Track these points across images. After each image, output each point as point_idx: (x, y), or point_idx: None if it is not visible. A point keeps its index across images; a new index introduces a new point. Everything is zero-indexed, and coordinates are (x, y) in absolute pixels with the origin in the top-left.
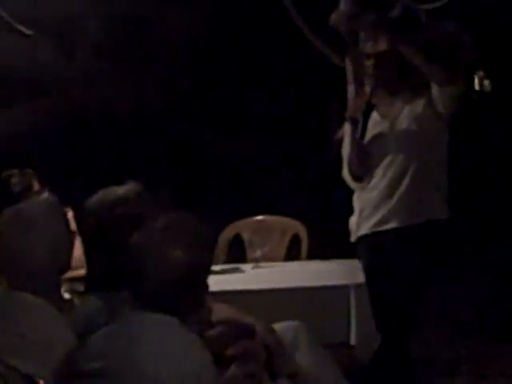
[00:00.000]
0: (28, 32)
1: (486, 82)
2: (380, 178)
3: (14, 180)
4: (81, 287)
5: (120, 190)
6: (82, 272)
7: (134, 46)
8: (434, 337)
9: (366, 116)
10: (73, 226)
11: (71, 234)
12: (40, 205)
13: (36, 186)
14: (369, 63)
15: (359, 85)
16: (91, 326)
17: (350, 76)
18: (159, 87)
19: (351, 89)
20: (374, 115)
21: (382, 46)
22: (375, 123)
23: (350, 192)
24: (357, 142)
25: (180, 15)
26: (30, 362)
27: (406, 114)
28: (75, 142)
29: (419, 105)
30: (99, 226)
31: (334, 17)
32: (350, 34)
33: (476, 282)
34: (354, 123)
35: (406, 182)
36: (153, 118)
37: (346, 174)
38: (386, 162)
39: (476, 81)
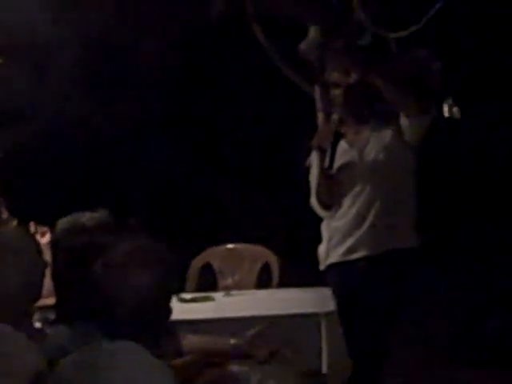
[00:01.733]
0: None
1: (455, 109)
2: (348, 207)
3: None
4: (52, 316)
5: (87, 218)
6: (53, 300)
7: (108, 72)
8: (407, 363)
9: (334, 145)
10: (46, 255)
11: (44, 263)
12: (11, 233)
13: (4, 214)
14: (337, 92)
15: (328, 113)
16: (61, 356)
17: (319, 104)
18: (133, 113)
19: (320, 117)
20: (342, 144)
21: (350, 75)
22: (343, 152)
23: (319, 220)
24: (325, 171)
25: (154, 43)
26: None
27: (373, 143)
28: (48, 165)
29: (387, 134)
30: (64, 255)
31: (303, 45)
32: (319, 62)
33: (450, 307)
34: (322, 152)
35: (374, 211)
36: (127, 144)
37: (314, 202)
38: (354, 191)
39: (445, 108)
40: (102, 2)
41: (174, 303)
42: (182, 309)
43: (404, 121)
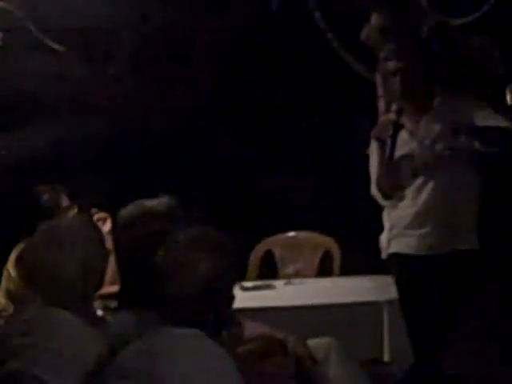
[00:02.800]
0: (59, 48)
1: None
2: (411, 200)
3: (45, 196)
4: (113, 304)
5: (152, 204)
6: (115, 289)
7: (163, 60)
8: (468, 351)
9: (395, 134)
10: (108, 243)
11: (105, 251)
12: (73, 222)
13: (65, 202)
14: (395, 80)
15: (388, 101)
16: (124, 344)
17: (380, 91)
18: (192, 104)
19: (381, 103)
20: (403, 133)
21: (409, 62)
22: (403, 142)
23: (380, 208)
24: (385, 161)
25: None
26: (62, 378)
27: (435, 133)
28: (106, 156)
29: (451, 124)
30: (130, 242)
31: (365, 31)
32: (380, 48)
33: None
34: (382, 143)
35: (436, 209)
36: (185, 133)
37: (374, 191)
38: (416, 183)
39: (508, 95)
40: None
41: (236, 291)
42: (243, 297)
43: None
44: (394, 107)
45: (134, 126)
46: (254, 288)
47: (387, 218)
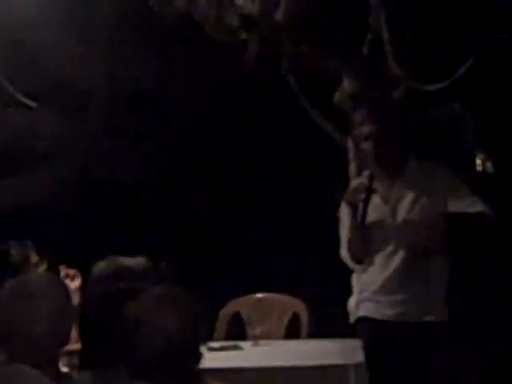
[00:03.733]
0: (32, 104)
1: (488, 164)
2: (381, 267)
3: (13, 251)
4: (77, 361)
5: (129, 262)
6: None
7: (137, 115)
8: None
9: (367, 199)
10: (75, 300)
11: (72, 308)
12: (40, 277)
13: (34, 258)
14: (368, 145)
15: (360, 166)
16: None
17: (351, 155)
18: (163, 159)
19: (352, 167)
20: (375, 198)
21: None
22: (375, 207)
23: (349, 271)
24: (356, 226)
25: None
26: None
27: (408, 200)
28: (81, 213)
29: (425, 190)
30: (100, 297)
31: (337, 95)
32: (352, 113)
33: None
34: (353, 208)
35: (407, 279)
36: (157, 190)
37: (344, 254)
38: (387, 250)
39: (478, 162)
40: None
41: (203, 351)
42: (210, 357)
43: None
44: (365, 172)
45: (106, 180)
46: (221, 348)
47: (356, 282)
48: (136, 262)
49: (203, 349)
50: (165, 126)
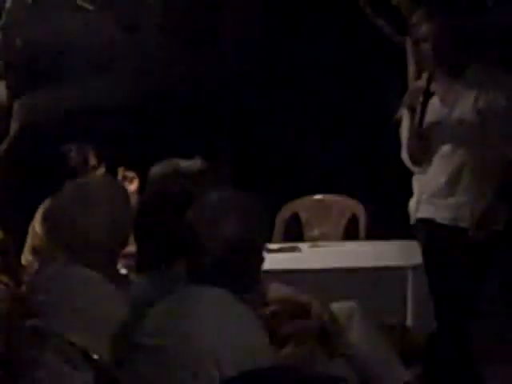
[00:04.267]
0: (90, 7)
1: None
2: (440, 169)
3: (72, 154)
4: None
5: (185, 165)
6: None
7: (196, 23)
8: (494, 323)
9: (425, 102)
10: (133, 202)
11: (131, 210)
12: (99, 180)
13: (93, 161)
14: (427, 46)
15: (419, 68)
16: (145, 302)
17: (410, 57)
18: (219, 65)
19: (412, 70)
20: (434, 99)
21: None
22: (434, 108)
23: (410, 173)
24: (415, 128)
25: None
26: (86, 337)
27: (466, 100)
28: (137, 117)
29: (484, 92)
30: (152, 200)
31: None
32: (411, 12)
33: None
34: (412, 111)
35: (465, 180)
36: (212, 96)
37: (404, 156)
38: (445, 150)
39: None
40: None
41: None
42: (268, 259)
43: None
44: (424, 74)
45: (160, 87)
46: (279, 250)
47: (416, 184)
48: (192, 163)
49: (264, 252)
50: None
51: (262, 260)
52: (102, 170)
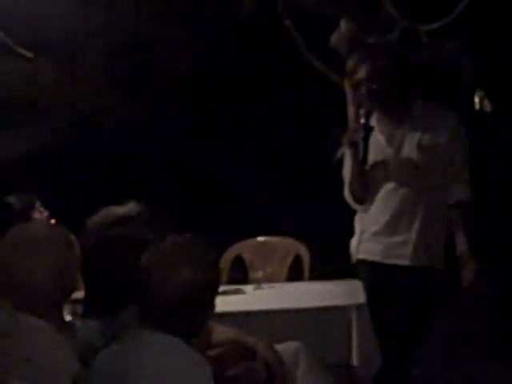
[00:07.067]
0: (29, 54)
1: (486, 102)
2: (382, 207)
3: (17, 200)
4: (80, 309)
5: (120, 210)
6: (82, 294)
7: (134, 65)
8: (437, 354)
9: (367, 138)
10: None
11: (75, 256)
12: (43, 226)
13: (37, 207)
14: (367, 87)
15: (358, 108)
16: (92, 349)
17: (349, 97)
18: (161, 106)
19: (351, 111)
20: (379, 138)
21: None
22: (379, 148)
23: (352, 212)
24: (358, 166)
25: (180, 37)
26: None
27: (411, 140)
28: (76, 161)
29: (429, 132)
30: (98, 246)
31: (334, 38)
32: (349, 55)
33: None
34: (354, 146)
35: (407, 220)
36: (154, 137)
37: (347, 195)
38: (388, 189)
39: (476, 100)
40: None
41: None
42: None
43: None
44: (362, 110)
45: (99, 132)
46: (224, 293)
47: (358, 222)
48: (128, 208)
49: (215, 297)
50: (161, 75)
51: (213, 306)
52: (46, 215)
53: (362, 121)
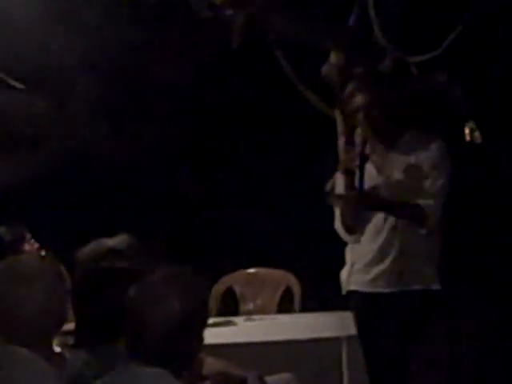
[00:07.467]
0: (20, 86)
1: (477, 134)
2: (373, 236)
3: (6, 232)
4: (70, 341)
5: (110, 242)
6: (72, 326)
7: (128, 97)
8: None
9: (362, 164)
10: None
11: (65, 288)
12: (32, 258)
13: (28, 239)
14: (360, 117)
15: (350, 136)
16: (82, 380)
17: (340, 128)
18: (154, 139)
19: (342, 141)
20: (369, 168)
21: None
22: (370, 177)
23: (343, 244)
24: (352, 194)
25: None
26: None
27: (401, 169)
28: (66, 194)
29: (419, 160)
30: (88, 277)
31: (324, 68)
32: (340, 85)
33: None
34: (349, 175)
35: (397, 246)
36: (145, 171)
37: (338, 226)
38: (378, 218)
39: (466, 132)
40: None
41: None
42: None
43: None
44: (357, 139)
45: (91, 165)
46: (215, 324)
47: (349, 254)
48: (120, 240)
49: (204, 329)
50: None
51: (202, 338)
52: (36, 246)
53: (359, 149)
